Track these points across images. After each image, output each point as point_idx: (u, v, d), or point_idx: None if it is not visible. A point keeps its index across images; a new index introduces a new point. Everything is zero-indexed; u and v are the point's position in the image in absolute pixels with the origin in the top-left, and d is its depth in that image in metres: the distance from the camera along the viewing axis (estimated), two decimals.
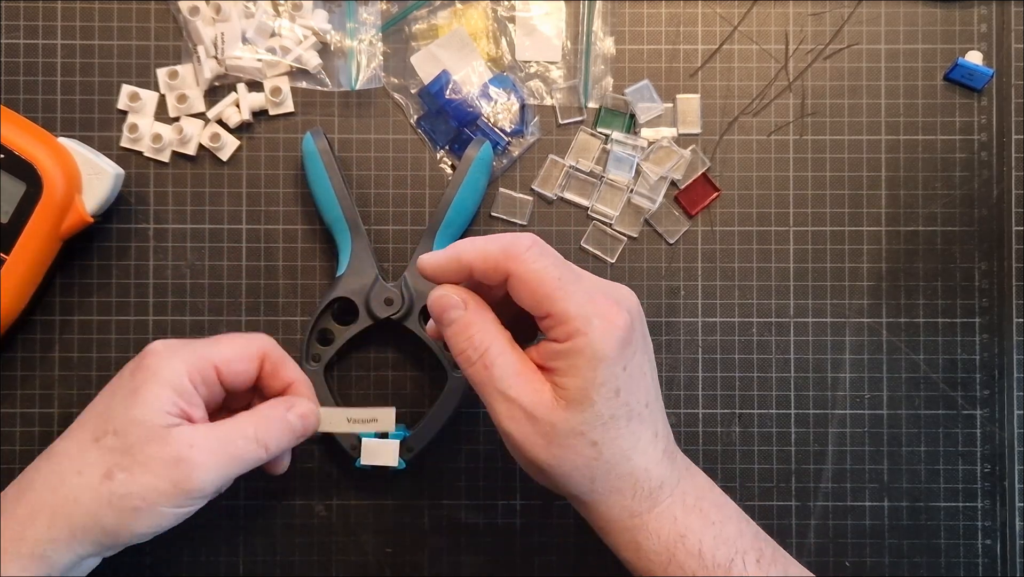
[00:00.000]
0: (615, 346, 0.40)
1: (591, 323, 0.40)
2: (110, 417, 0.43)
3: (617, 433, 0.41)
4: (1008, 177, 0.56)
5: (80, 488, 0.42)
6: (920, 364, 0.56)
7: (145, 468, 0.42)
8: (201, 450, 0.42)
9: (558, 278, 0.40)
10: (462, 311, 0.42)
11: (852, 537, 0.55)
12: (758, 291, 0.56)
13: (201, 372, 0.45)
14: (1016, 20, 0.56)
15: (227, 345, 0.46)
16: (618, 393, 0.41)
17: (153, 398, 0.43)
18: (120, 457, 0.42)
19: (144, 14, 0.55)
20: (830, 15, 0.56)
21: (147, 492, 0.42)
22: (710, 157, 0.56)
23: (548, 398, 0.41)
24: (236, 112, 0.55)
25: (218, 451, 0.43)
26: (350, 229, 0.52)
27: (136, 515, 0.42)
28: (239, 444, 0.44)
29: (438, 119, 0.55)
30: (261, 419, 0.45)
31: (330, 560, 0.55)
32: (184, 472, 0.42)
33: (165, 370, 0.44)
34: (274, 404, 0.47)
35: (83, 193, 0.51)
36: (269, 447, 0.45)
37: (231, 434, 0.44)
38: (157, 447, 0.42)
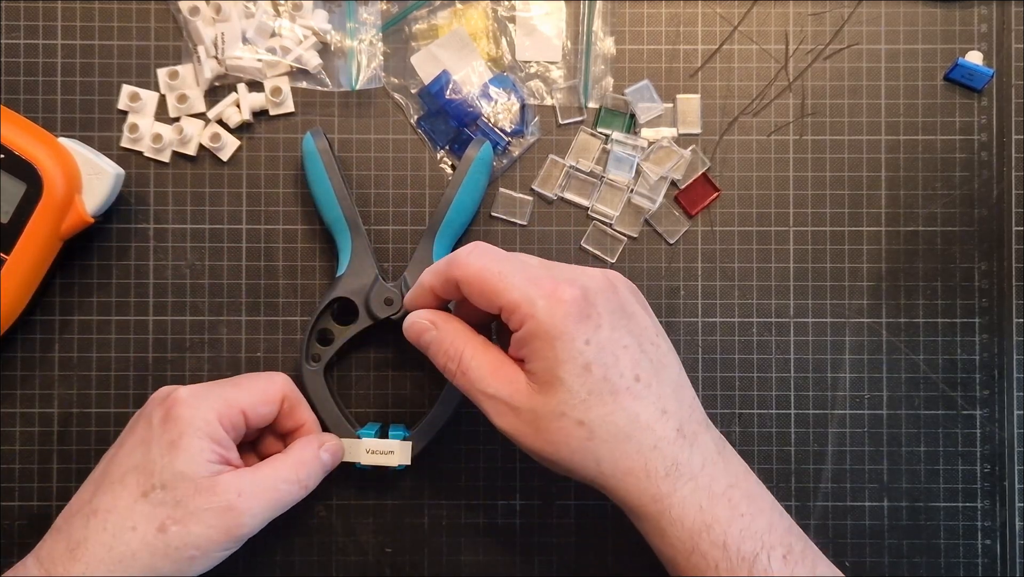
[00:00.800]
0: (566, 321, 0.41)
1: (536, 304, 0.41)
2: (153, 471, 0.44)
3: (604, 410, 0.41)
4: (1008, 177, 0.56)
5: (136, 543, 0.43)
6: (920, 364, 0.56)
7: (197, 519, 0.44)
8: (248, 497, 0.45)
9: (499, 272, 0.42)
10: (434, 331, 0.45)
11: (852, 537, 0.55)
12: (758, 291, 0.56)
13: (231, 418, 0.47)
14: (1016, 20, 0.56)
15: (251, 389, 0.48)
16: (588, 368, 0.41)
17: (196, 451, 0.45)
18: (172, 510, 0.44)
19: (144, 14, 0.55)
20: (830, 15, 0.56)
21: (201, 541, 0.44)
22: (710, 157, 0.56)
23: (523, 387, 0.42)
24: (236, 112, 0.55)
25: (263, 497, 0.45)
26: (350, 229, 0.52)
27: (192, 562, 0.44)
28: (283, 488, 0.46)
29: (438, 119, 0.55)
30: (300, 462, 0.48)
31: (330, 560, 0.55)
32: (235, 519, 0.44)
33: (198, 420, 0.45)
34: (307, 445, 0.49)
35: (83, 193, 0.51)
36: (308, 486, 0.48)
37: (275, 479, 0.46)
38: (206, 498, 0.44)
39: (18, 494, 0.54)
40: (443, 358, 0.45)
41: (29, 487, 0.54)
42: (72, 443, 0.55)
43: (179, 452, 0.44)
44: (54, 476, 0.55)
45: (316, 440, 0.50)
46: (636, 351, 0.42)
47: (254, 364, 0.55)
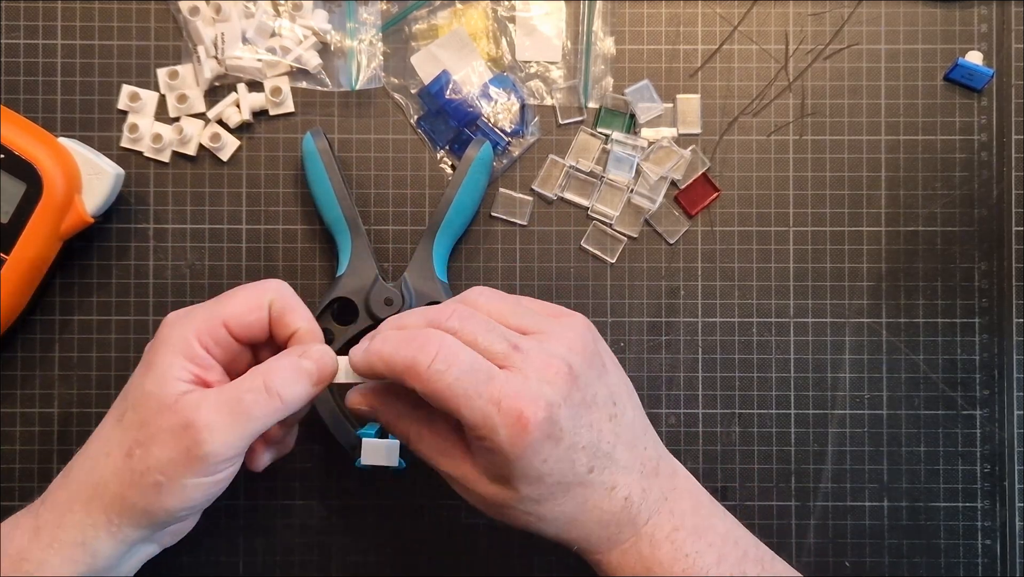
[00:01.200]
0: (525, 448, 0.40)
1: (497, 432, 0.39)
2: (128, 394, 0.43)
3: (554, 504, 0.42)
4: (1008, 177, 0.56)
5: (108, 469, 0.42)
6: (920, 364, 0.56)
7: (157, 440, 0.41)
8: (208, 411, 0.40)
9: (462, 393, 0.39)
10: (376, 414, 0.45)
11: (852, 537, 0.55)
12: (758, 291, 0.56)
13: (211, 333, 0.43)
14: (1016, 20, 0.56)
15: (235, 299, 0.44)
16: (541, 479, 0.41)
17: (165, 368, 0.42)
18: (137, 432, 0.41)
19: (144, 14, 0.55)
20: (830, 15, 0.56)
21: (163, 465, 0.40)
22: (710, 157, 0.56)
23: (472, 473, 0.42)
24: (236, 112, 0.55)
25: (226, 409, 0.40)
26: (350, 229, 0.52)
27: (159, 490, 0.41)
28: (248, 398, 0.41)
29: (438, 119, 0.55)
30: (271, 368, 0.42)
31: (330, 560, 0.55)
32: (193, 437, 0.40)
33: (174, 337, 0.42)
34: (285, 352, 0.44)
35: (83, 193, 0.51)
36: (283, 396, 0.41)
37: (239, 389, 0.41)
38: (167, 417, 0.41)
39: (18, 494, 0.54)
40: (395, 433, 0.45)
41: (29, 487, 0.54)
42: (72, 443, 0.55)
43: (151, 371, 0.42)
44: (54, 476, 0.54)
45: (297, 348, 0.44)
46: (594, 437, 0.42)
47: None
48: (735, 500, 0.55)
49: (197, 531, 0.54)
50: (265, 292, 0.44)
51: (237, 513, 0.55)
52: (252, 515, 0.55)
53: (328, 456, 0.55)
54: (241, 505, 0.55)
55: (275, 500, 0.55)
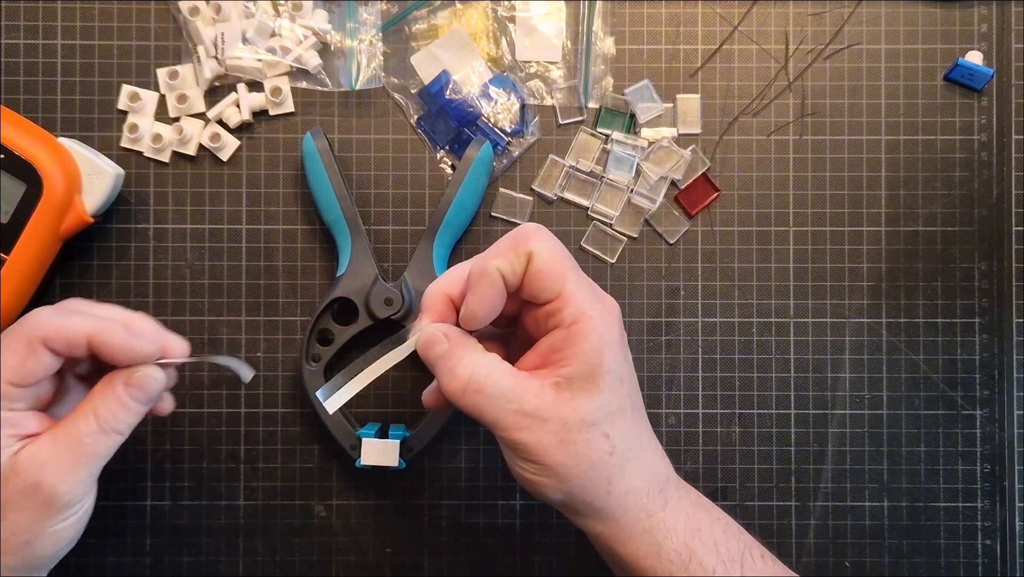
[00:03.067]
0: (617, 333, 0.42)
1: (596, 307, 0.41)
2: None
3: (625, 425, 0.42)
4: (1008, 177, 0.56)
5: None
6: (920, 364, 0.56)
7: (13, 506, 0.41)
8: (51, 467, 0.41)
9: (569, 258, 0.42)
10: (444, 344, 0.43)
11: (852, 537, 0.55)
12: (758, 291, 0.56)
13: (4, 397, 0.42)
14: (1016, 20, 0.56)
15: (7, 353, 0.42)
16: (622, 381, 0.42)
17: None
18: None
19: (144, 14, 0.55)
20: (830, 15, 0.56)
21: (26, 525, 0.41)
22: (710, 157, 0.56)
23: (552, 396, 0.41)
24: (236, 112, 0.55)
25: (68, 457, 0.42)
26: (350, 229, 0.52)
27: (31, 546, 0.42)
28: (88, 442, 0.42)
29: (438, 119, 0.55)
30: (100, 406, 0.43)
31: (330, 560, 0.55)
32: (46, 493, 0.41)
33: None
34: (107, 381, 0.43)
35: (83, 193, 0.51)
36: (119, 429, 0.43)
37: (75, 436, 0.42)
38: (12, 483, 0.41)
39: None
40: (448, 377, 0.42)
41: None
42: None
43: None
44: None
45: (120, 375, 0.43)
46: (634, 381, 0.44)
47: (254, 364, 0.55)
48: (735, 500, 0.55)
49: (197, 531, 0.54)
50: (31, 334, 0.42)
51: (237, 513, 0.55)
52: (252, 515, 0.55)
53: (328, 456, 0.55)
54: (241, 505, 0.55)
55: (275, 500, 0.55)
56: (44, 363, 0.43)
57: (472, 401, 0.41)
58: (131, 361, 0.43)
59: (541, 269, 0.41)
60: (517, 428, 0.41)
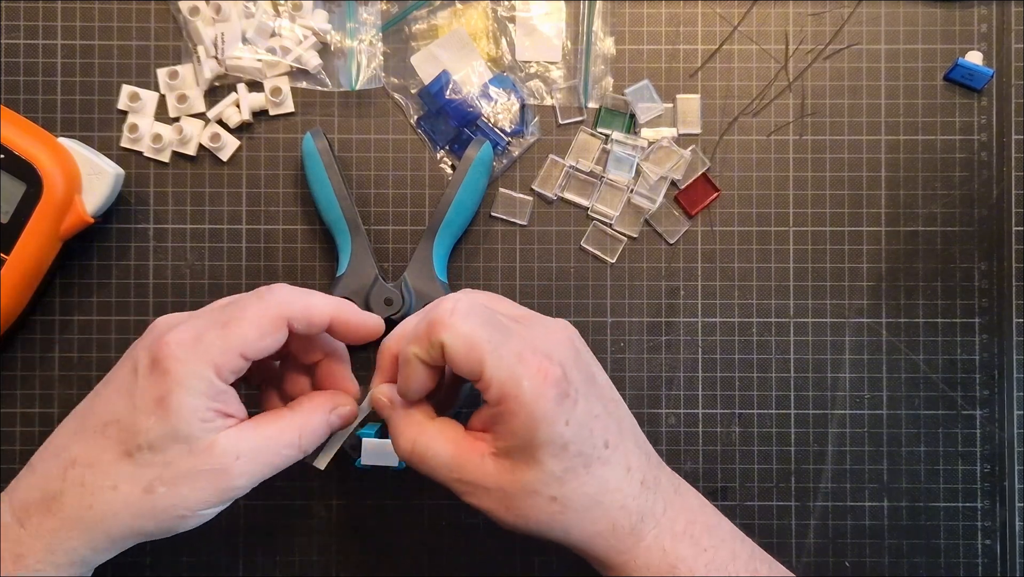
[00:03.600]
0: (550, 404, 0.39)
1: (521, 385, 0.39)
2: (139, 430, 0.41)
3: (577, 483, 0.41)
4: (1008, 177, 0.56)
5: (118, 503, 0.41)
6: (920, 364, 0.56)
7: (189, 482, 0.41)
8: (246, 461, 0.42)
9: (487, 340, 0.40)
10: (389, 409, 0.44)
11: (852, 537, 0.55)
12: (758, 291, 0.56)
13: (229, 366, 0.41)
14: (1016, 20, 0.56)
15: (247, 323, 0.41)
16: (566, 448, 0.40)
17: (188, 411, 0.40)
18: (161, 471, 0.40)
19: (144, 14, 0.55)
20: (830, 15, 0.56)
21: (191, 503, 0.41)
22: (710, 157, 0.56)
23: (492, 466, 0.41)
24: (236, 112, 0.55)
25: (261, 460, 0.42)
26: (350, 229, 0.52)
27: (181, 521, 0.42)
28: (283, 453, 0.43)
29: (438, 119, 0.55)
30: (305, 427, 0.44)
31: (330, 560, 0.55)
32: (228, 481, 0.41)
33: (191, 378, 0.40)
34: (316, 407, 0.45)
35: (83, 193, 0.51)
36: (308, 450, 0.44)
37: (276, 443, 0.43)
38: (201, 460, 0.41)
39: None
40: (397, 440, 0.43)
41: None
42: None
43: (169, 412, 0.40)
44: None
45: (329, 401, 0.45)
46: (604, 416, 0.42)
47: None
48: (735, 500, 0.55)
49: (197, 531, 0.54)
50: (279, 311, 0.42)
51: (237, 513, 0.55)
52: (252, 515, 0.55)
53: None
54: (241, 505, 0.55)
55: (275, 500, 0.55)
56: (279, 342, 0.43)
57: (418, 467, 0.43)
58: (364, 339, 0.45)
59: (454, 360, 0.40)
60: (463, 494, 0.42)
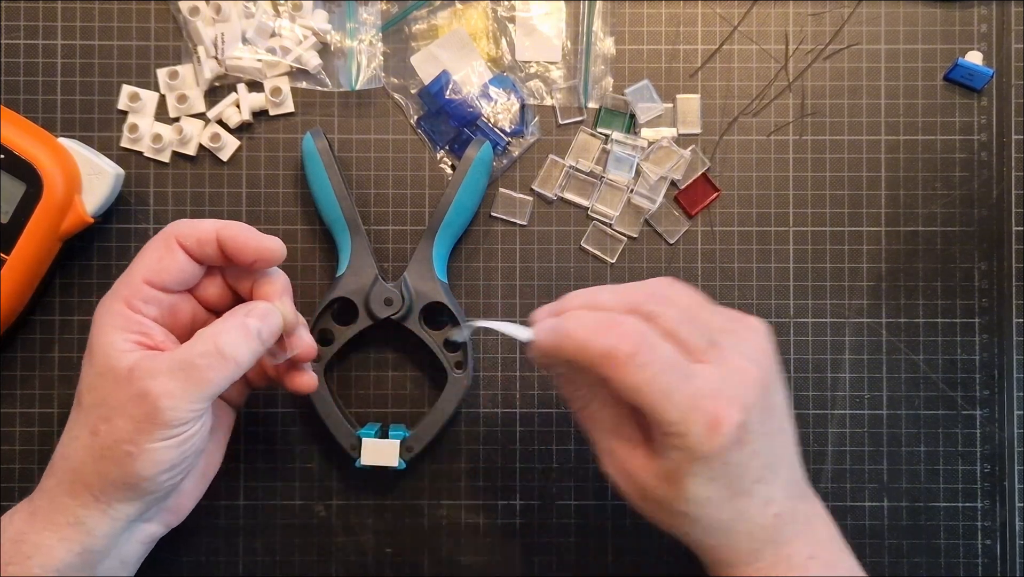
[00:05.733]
0: (715, 449, 0.38)
1: (691, 429, 0.38)
2: (82, 377, 0.44)
3: (713, 509, 0.40)
4: (1008, 177, 0.56)
5: (79, 451, 0.43)
6: (920, 364, 0.56)
7: (118, 413, 0.42)
8: (163, 378, 0.41)
9: (661, 389, 0.38)
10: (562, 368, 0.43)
11: (852, 537, 0.55)
12: (758, 291, 0.56)
13: (136, 295, 0.44)
14: (1016, 20, 0.56)
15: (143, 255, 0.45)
16: (712, 481, 0.39)
17: (107, 345, 0.43)
18: (98, 410, 0.42)
19: (144, 14, 0.55)
20: (830, 15, 0.56)
21: (129, 434, 0.41)
22: (710, 157, 0.56)
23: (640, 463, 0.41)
24: (236, 112, 0.55)
25: (181, 375, 0.41)
26: (350, 229, 0.52)
27: (132, 459, 0.42)
28: (201, 363, 0.42)
29: (438, 119, 0.55)
30: (220, 331, 0.43)
31: (330, 560, 0.55)
32: (152, 404, 0.41)
33: (104, 314, 0.44)
34: (232, 313, 0.45)
35: (83, 193, 0.51)
36: (236, 357, 0.43)
37: (191, 354, 0.42)
38: (123, 388, 0.42)
39: (18, 494, 0.54)
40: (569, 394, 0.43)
41: (29, 487, 0.54)
42: None
43: (94, 351, 0.43)
44: None
45: (241, 309, 0.45)
46: (766, 452, 0.41)
47: None
48: None
49: (197, 531, 0.54)
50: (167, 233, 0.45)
51: (237, 513, 0.55)
52: (252, 515, 0.55)
53: (328, 456, 0.55)
54: (241, 505, 0.55)
55: (275, 500, 0.55)
56: (178, 261, 0.44)
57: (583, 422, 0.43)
58: (258, 256, 0.45)
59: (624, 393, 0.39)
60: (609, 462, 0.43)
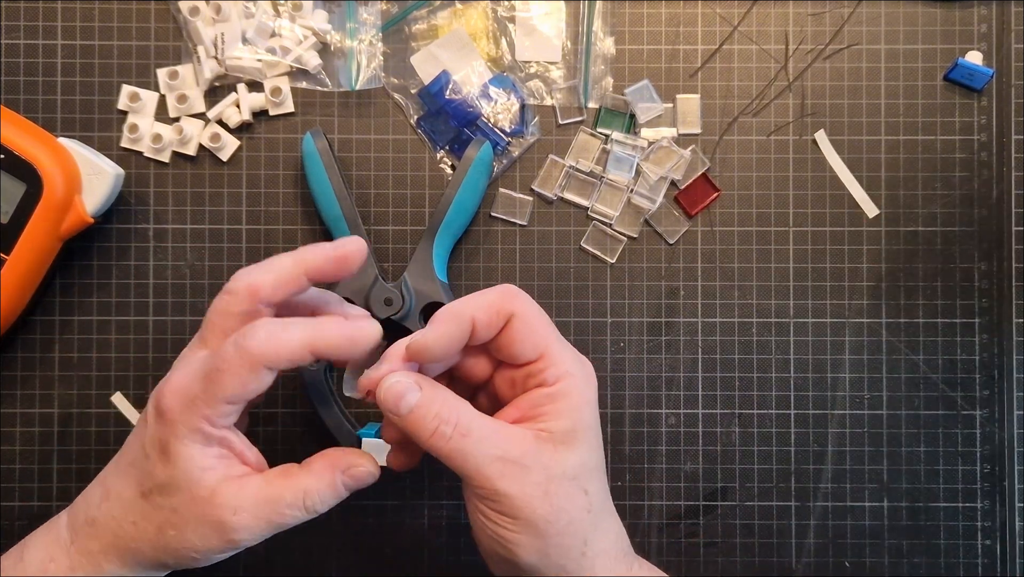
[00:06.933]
0: (594, 393, 0.43)
1: (580, 367, 0.43)
2: (151, 473, 0.42)
3: (600, 484, 0.43)
4: (1008, 177, 0.56)
5: (139, 538, 0.43)
6: (920, 364, 0.56)
7: (191, 528, 0.42)
8: (245, 516, 0.42)
9: (549, 324, 0.43)
10: (418, 392, 0.41)
11: (852, 537, 0.55)
12: (758, 291, 0.56)
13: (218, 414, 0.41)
14: (1016, 20, 0.56)
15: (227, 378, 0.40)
16: (598, 438, 0.43)
17: (186, 459, 0.41)
18: (169, 515, 0.42)
19: (144, 14, 0.55)
20: (830, 15, 0.56)
21: (199, 547, 0.42)
22: (710, 157, 0.56)
23: (534, 445, 0.41)
24: (236, 112, 0.55)
25: (263, 517, 0.42)
26: (350, 229, 0.52)
27: (194, 561, 0.43)
28: (286, 513, 0.42)
29: (438, 119, 0.55)
30: (313, 488, 0.43)
31: (330, 560, 0.55)
32: (229, 534, 0.42)
33: (185, 429, 0.41)
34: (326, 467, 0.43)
35: (83, 193, 0.51)
36: (318, 511, 0.43)
37: (279, 503, 0.42)
38: (202, 510, 0.41)
39: (18, 494, 0.54)
40: (433, 422, 0.40)
41: (29, 487, 0.54)
42: (72, 443, 0.55)
43: (170, 460, 0.41)
44: (54, 476, 0.55)
45: (341, 461, 0.44)
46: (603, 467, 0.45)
47: None
48: (735, 500, 0.55)
49: None
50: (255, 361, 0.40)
51: None
52: None
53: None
54: None
55: None
56: (264, 383, 0.41)
57: (458, 446, 0.40)
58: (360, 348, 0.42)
59: (523, 329, 0.42)
60: (500, 476, 0.40)
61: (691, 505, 0.55)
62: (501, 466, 0.40)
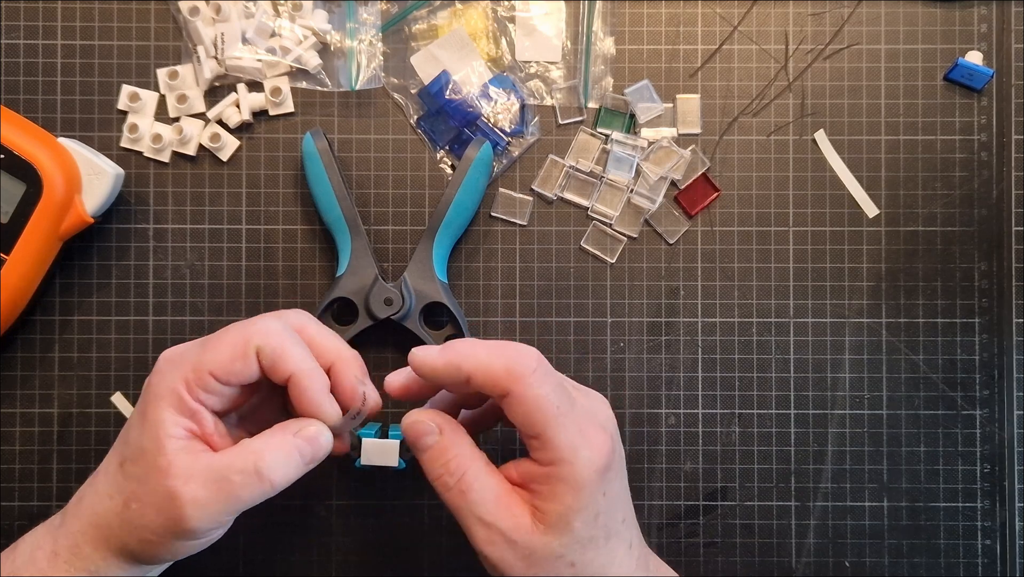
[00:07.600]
0: (597, 475, 0.41)
1: (578, 453, 0.41)
2: (129, 440, 0.42)
3: (595, 553, 0.42)
4: (1008, 177, 0.56)
5: (111, 513, 0.42)
6: (920, 364, 0.56)
7: (150, 501, 0.41)
8: (195, 485, 0.40)
9: (556, 406, 0.41)
10: (437, 436, 0.43)
11: (852, 537, 0.55)
12: (758, 291, 0.56)
13: (199, 383, 0.41)
14: (1016, 20, 0.56)
15: (221, 345, 0.42)
16: (597, 517, 0.42)
17: (158, 423, 0.41)
18: (136, 486, 0.41)
19: (144, 14, 0.55)
20: (830, 15, 0.56)
21: (153, 527, 0.41)
22: (710, 157, 0.56)
23: (527, 522, 0.41)
24: (236, 112, 0.55)
25: (214, 487, 0.41)
26: (350, 229, 0.52)
27: (152, 546, 0.41)
28: (236, 480, 0.41)
29: (438, 119, 0.55)
30: (263, 449, 0.42)
31: (330, 560, 0.55)
32: (178, 511, 0.40)
33: (164, 389, 0.41)
34: (280, 428, 0.43)
35: (83, 193, 0.51)
36: (274, 480, 0.42)
37: (229, 469, 0.41)
38: (157, 480, 0.40)
39: (18, 494, 0.54)
40: (440, 469, 0.42)
41: (29, 487, 0.54)
42: (72, 443, 0.55)
43: (145, 424, 0.41)
44: (54, 476, 0.55)
45: (292, 425, 0.43)
46: (623, 493, 0.44)
47: None
48: (735, 500, 0.55)
49: None
50: (250, 339, 0.42)
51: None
52: (252, 515, 0.55)
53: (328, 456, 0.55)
54: None
55: (276, 500, 0.55)
56: (250, 371, 0.42)
57: (454, 500, 0.42)
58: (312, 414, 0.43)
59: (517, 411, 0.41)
60: (486, 542, 0.42)
61: (691, 505, 0.55)
62: (488, 533, 0.42)
